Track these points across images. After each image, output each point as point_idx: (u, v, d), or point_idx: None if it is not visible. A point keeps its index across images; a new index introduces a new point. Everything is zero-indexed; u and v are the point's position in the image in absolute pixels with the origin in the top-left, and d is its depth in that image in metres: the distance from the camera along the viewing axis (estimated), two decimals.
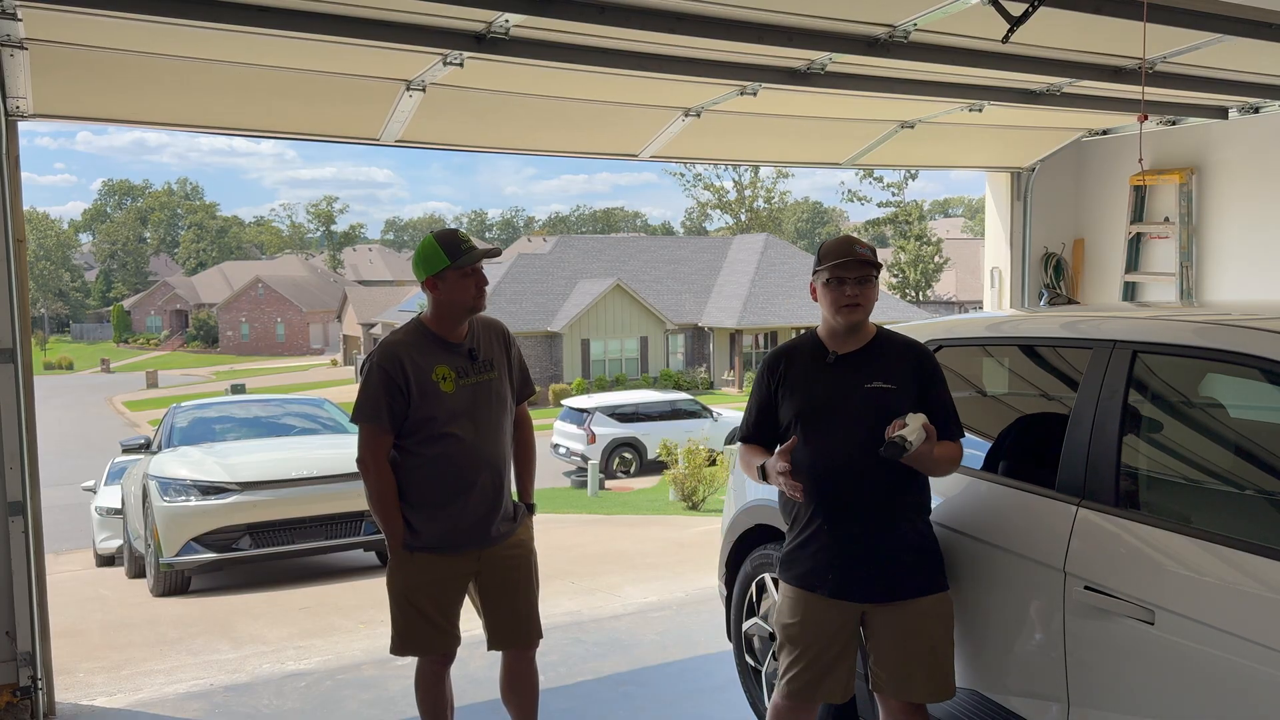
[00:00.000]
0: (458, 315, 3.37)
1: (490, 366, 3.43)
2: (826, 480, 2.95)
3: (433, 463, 3.33)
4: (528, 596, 3.54)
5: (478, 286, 3.34)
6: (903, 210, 51.66)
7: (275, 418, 10.72)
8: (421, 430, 3.32)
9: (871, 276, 2.97)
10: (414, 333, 3.39)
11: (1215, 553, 2.48)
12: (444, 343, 3.37)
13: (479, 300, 3.35)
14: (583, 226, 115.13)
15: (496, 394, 3.43)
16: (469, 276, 3.31)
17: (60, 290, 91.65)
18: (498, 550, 3.45)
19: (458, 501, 3.35)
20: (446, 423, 3.31)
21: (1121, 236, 7.21)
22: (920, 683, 2.95)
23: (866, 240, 3.48)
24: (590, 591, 6.92)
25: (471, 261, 3.30)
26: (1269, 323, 2.62)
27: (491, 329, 3.52)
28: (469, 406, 3.35)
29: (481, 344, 3.44)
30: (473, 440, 3.34)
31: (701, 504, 16.50)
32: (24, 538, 4.13)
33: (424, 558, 3.37)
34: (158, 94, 4.80)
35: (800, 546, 3.03)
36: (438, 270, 3.30)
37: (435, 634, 3.43)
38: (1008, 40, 3.97)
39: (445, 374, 3.32)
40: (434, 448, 3.32)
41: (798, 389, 3.04)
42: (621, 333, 40.21)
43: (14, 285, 4.13)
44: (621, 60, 4.49)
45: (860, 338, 3.02)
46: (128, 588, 9.41)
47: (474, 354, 3.40)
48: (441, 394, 3.31)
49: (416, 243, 24.85)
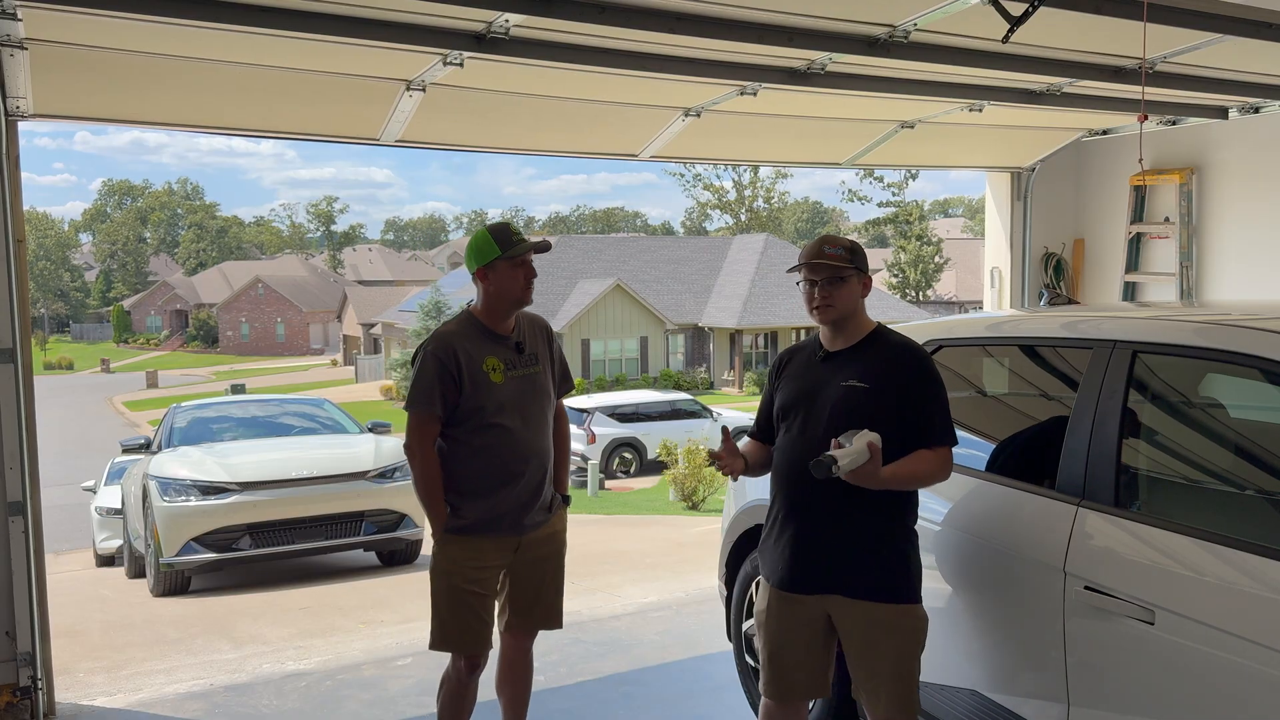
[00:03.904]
0: (506, 307, 3.46)
1: (535, 360, 3.54)
2: (789, 473, 2.98)
3: (480, 452, 3.41)
4: (554, 583, 3.66)
5: (526, 279, 3.43)
6: (903, 210, 51.65)
7: (275, 418, 10.73)
8: (470, 420, 3.40)
9: (843, 276, 2.95)
10: (465, 323, 3.49)
11: (1215, 553, 2.48)
12: (493, 335, 3.47)
13: (526, 292, 3.45)
14: (583, 226, 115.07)
15: (541, 387, 3.54)
16: (519, 268, 3.41)
17: (60, 290, 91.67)
18: (532, 537, 3.55)
19: (502, 490, 3.44)
20: (495, 413, 3.40)
21: (1121, 236, 7.21)
22: (885, 701, 2.89)
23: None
24: (590, 591, 6.92)
25: (521, 252, 3.39)
26: (1269, 323, 2.62)
27: (535, 324, 3.63)
28: (516, 398, 3.44)
29: (527, 338, 3.54)
30: (520, 431, 3.44)
31: (701, 504, 16.50)
32: (24, 538, 4.13)
33: (464, 540, 3.45)
34: (158, 94, 4.80)
35: (766, 537, 3.09)
36: (489, 260, 3.39)
37: (472, 631, 3.48)
38: (1008, 40, 3.97)
39: (495, 365, 3.42)
40: (482, 438, 3.41)
41: (787, 385, 3.09)
42: (621, 333, 40.20)
43: (14, 285, 4.13)
44: (621, 60, 4.49)
45: (851, 336, 3.00)
46: (128, 588, 9.41)
47: (520, 347, 3.50)
48: (491, 384, 3.40)
49: (416, 243, 24.64)
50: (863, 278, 3.00)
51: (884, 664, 2.89)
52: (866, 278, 3.02)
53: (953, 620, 3.22)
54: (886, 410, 2.88)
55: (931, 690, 3.23)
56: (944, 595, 3.24)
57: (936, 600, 3.20)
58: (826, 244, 3.00)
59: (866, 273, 3.02)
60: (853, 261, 2.97)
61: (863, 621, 2.90)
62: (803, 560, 2.95)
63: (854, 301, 2.99)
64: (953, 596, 3.23)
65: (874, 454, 2.75)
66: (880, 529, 2.90)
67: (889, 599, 2.89)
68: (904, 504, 2.94)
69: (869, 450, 2.74)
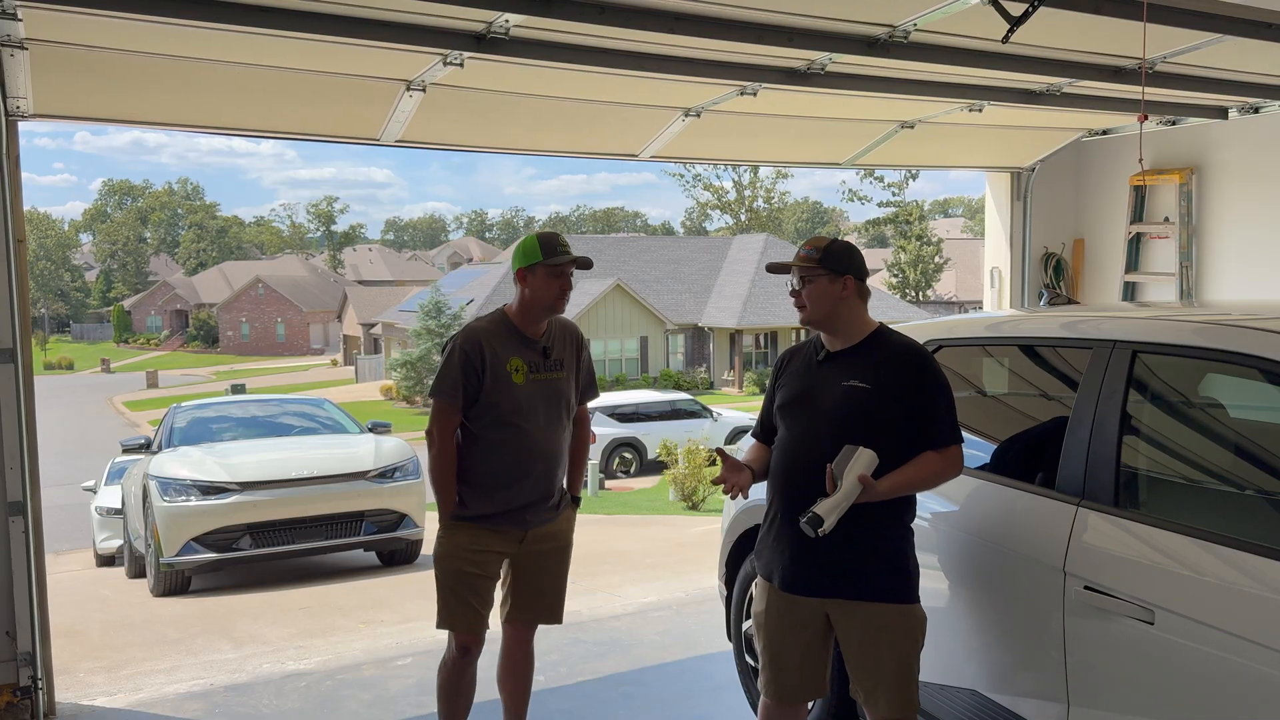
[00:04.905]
0: (539, 312, 3.56)
1: (560, 366, 3.63)
2: (789, 473, 2.97)
3: (495, 448, 3.52)
4: (556, 579, 3.74)
5: (562, 290, 3.55)
6: (903, 210, 51.61)
7: (275, 418, 10.72)
8: (487, 415, 3.51)
9: (813, 276, 2.94)
10: (497, 322, 3.59)
11: (1215, 553, 2.48)
12: (523, 337, 3.56)
13: (560, 302, 3.56)
14: (583, 226, 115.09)
15: (561, 393, 3.62)
16: (557, 278, 3.52)
17: (60, 290, 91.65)
18: (538, 533, 3.63)
19: (510, 488, 3.54)
20: (511, 413, 3.50)
21: (1121, 236, 7.21)
22: (885, 700, 2.88)
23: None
24: (590, 591, 6.92)
25: (563, 263, 3.50)
26: (1269, 323, 2.62)
27: (568, 331, 3.72)
28: (534, 401, 3.53)
29: (556, 344, 3.64)
30: (534, 433, 3.53)
31: (701, 504, 16.50)
32: (24, 538, 4.13)
33: (468, 527, 3.55)
34: (157, 94, 4.80)
35: (763, 537, 3.08)
36: (531, 264, 3.50)
37: (474, 609, 3.57)
38: (1008, 40, 3.97)
39: (518, 366, 3.52)
40: (498, 434, 3.51)
41: (787, 385, 3.08)
42: (621, 333, 40.20)
43: (14, 285, 4.13)
44: (621, 60, 4.49)
45: (852, 335, 2.98)
46: (128, 588, 9.41)
47: (548, 352, 3.60)
48: (512, 384, 3.50)
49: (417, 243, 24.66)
50: (840, 278, 2.93)
51: (885, 664, 2.88)
52: (848, 278, 2.94)
53: (953, 620, 3.22)
54: (887, 411, 2.87)
55: (931, 690, 3.22)
56: (944, 595, 3.24)
57: (936, 600, 3.19)
58: (804, 245, 3.02)
59: (847, 273, 2.94)
60: (821, 262, 2.93)
61: (864, 622, 2.90)
62: (804, 562, 2.94)
63: (828, 302, 2.94)
64: (953, 596, 3.23)
65: (866, 485, 2.75)
66: (880, 529, 2.89)
67: (891, 599, 2.89)
68: (903, 503, 2.93)
69: (860, 483, 2.75)
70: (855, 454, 2.77)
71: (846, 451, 2.78)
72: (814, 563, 2.92)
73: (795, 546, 2.94)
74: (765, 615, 3.05)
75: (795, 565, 2.95)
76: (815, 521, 2.74)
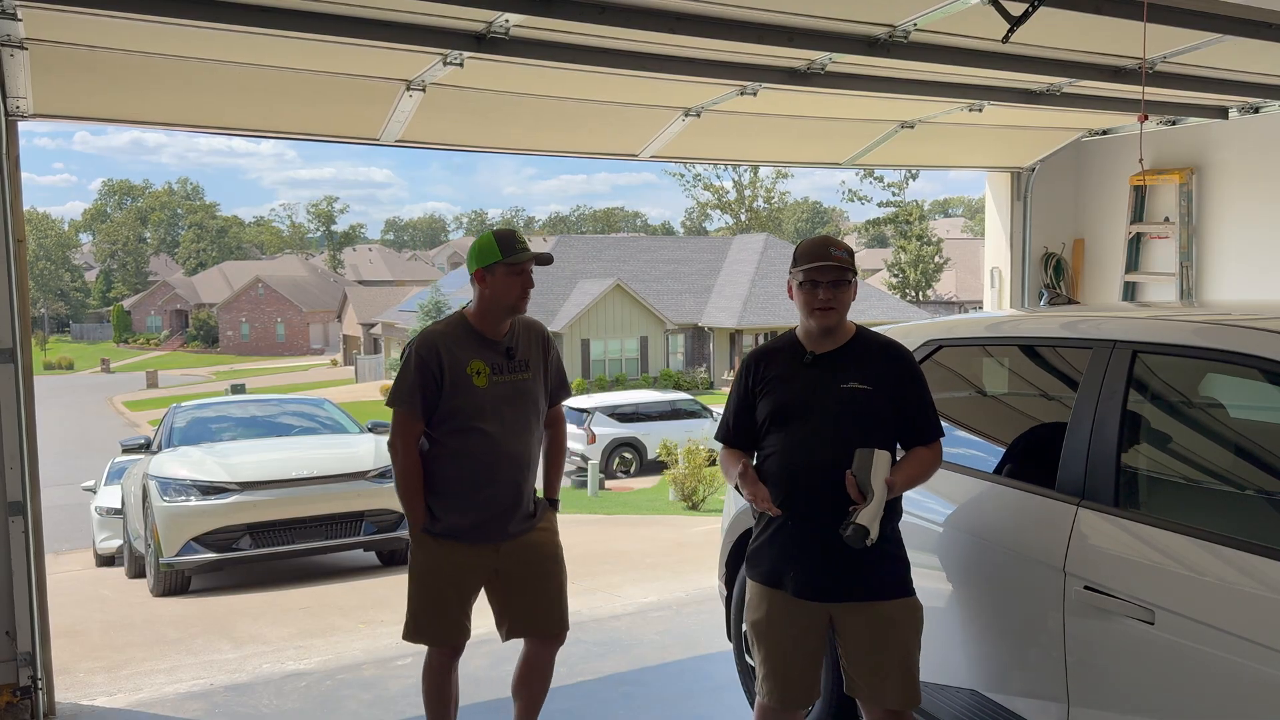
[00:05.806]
0: (500, 312, 3.44)
1: (525, 367, 3.50)
2: (794, 478, 2.93)
3: (458, 455, 3.40)
4: (549, 586, 3.58)
5: (523, 288, 3.42)
6: (903, 210, 51.62)
7: (275, 418, 10.72)
8: (449, 421, 3.39)
9: (846, 279, 2.95)
10: (455, 325, 3.48)
11: (1215, 553, 2.48)
12: (483, 338, 3.45)
13: (522, 301, 3.44)
14: (583, 226, 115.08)
15: (528, 394, 3.50)
16: (518, 276, 3.39)
17: (60, 290, 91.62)
18: (517, 543, 3.50)
19: (479, 495, 3.41)
20: (473, 417, 3.38)
21: (1121, 236, 7.21)
22: (893, 691, 2.91)
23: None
24: (590, 591, 6.92)
25: (522, 261, 3.38)
26: (1269, 323, 2.62)
27: (532, 330, 3.60)
28: (498, 403, 3.41)
29: (521, 344, 3.51)
30: (499, 437, 3.40)
31: (701, 504, 16.51)
32: (24, 538, 4.13)
33: (441, 543, 3.44)
34: (158, 94, 4.80)
35: (765, 543, 3.02)
36: (489, 263, 3.38)
37: (446, 624, 3.49)
38: (1008, 40, 3.97)
39: (480, 368, 3.40)
40: (460, 440, 3.39)
41: (775, 389, 3.03)
42: (621, 333, 40.20)
43: (14, 285, 4.13)
44: (621, 60, 4.49)
45: (838, 337, 3.01)
46: (128, 588, 9.41)
47: (511, 352, 3.47)
48: (473, 388, 3.38)
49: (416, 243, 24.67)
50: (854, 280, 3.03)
51: (893, 657, 2.91)
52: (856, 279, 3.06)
53: (953, 620, 3.22)
54: (885, 410, 2.92)
55: (931, 690, 3.22)
56: (944, 595, 3.24)
57: (937, 600, 3.20)
58: (831, 245, 2.97)
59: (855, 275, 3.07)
60: (852, 264, 2.99)
61: (871, 619, 2.92)
62: (813, 568, 2.92)
63: (850, 304, 3.01)
64: (953, 596, 3.23)
65: (891, 486, 2.79)
66: (886, 529, 2.91)
67: (897, 594, 2.93)
68: (896, 500, 2.96)
69: (886, 485, 2.77)
70: (874, 457, 2.77)
71: (863, 455, 2.78)
72: (827, 569, 2.91)
73: (806, 553, 2.92)
74: (766, 622, 3.02)
75: (809, 572, 2.93)
76: (861, 532, 2.73)
